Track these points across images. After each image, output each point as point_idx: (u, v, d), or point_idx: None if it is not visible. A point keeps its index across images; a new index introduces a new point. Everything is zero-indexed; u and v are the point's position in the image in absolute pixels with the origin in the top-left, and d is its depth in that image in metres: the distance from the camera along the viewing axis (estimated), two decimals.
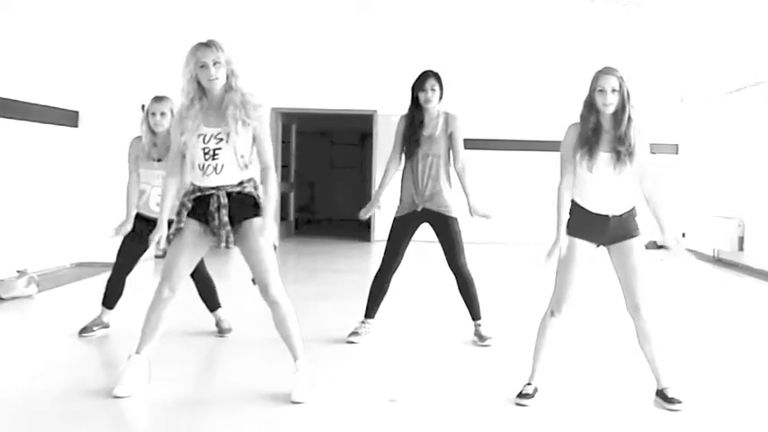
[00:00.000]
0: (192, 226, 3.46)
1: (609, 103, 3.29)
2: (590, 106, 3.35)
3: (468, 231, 4.68)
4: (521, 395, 3.42)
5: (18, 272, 5.86)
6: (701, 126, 10.13)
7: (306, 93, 10.72)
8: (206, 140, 3.38)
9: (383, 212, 4.93)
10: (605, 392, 3.69)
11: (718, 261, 9.13)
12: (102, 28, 7.61)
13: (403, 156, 4.57)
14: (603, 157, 3.31)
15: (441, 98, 4.50)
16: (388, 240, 4.58)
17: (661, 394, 3.41)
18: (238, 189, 3.43)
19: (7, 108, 6.33)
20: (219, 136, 3.37)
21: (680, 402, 3.35)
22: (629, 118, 3.31)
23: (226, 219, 3.41)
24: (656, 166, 3.55)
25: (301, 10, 8.96)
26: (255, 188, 3.50)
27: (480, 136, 10.47)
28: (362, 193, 13.45)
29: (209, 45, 3.34)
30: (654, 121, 10.55)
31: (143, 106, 4.68)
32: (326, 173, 14.90)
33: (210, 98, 3.41)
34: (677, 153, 10.72)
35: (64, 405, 3.29)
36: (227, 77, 3.38)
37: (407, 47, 10.04)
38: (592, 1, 8.36)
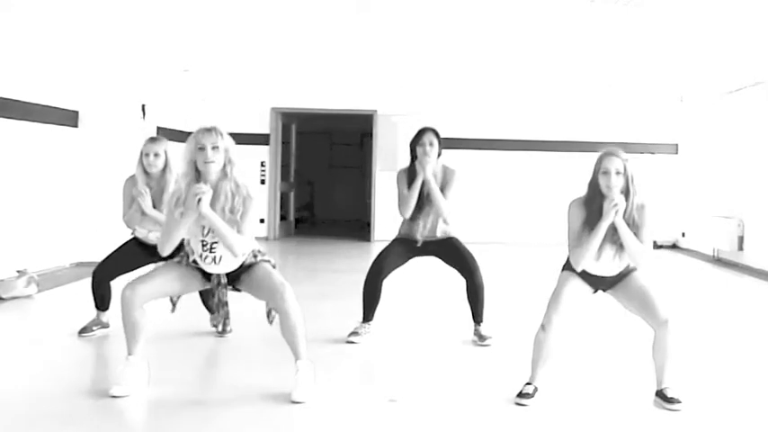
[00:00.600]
0: (193, 269, 3.50)
1: (613, 186, 3.27)
2: (594, 187, 3.35)
3: (469, 231, 4.68)
4: (521, 395, 3.43)
5: (18, 272, 5.86)
6: (701, 126, 10.13)
7: (306, 93, 10.72)
8: (204, 233, 3.38)
9: (383, 213, 4.94)
10: (605, 392, 3.70)
11: (718, 261, 9.14)
12: (102, 28, 7.61)
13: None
14: (605, 246, 3.33)
15: (439, 154, 4.51)
16: (384, 249, 4.63)
17: (661, 394, 3.41)
18: (239, 268, 3.49)
19: (7, 108, 6.33)
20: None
21: (679, 402, 3.35)
22: (633, 202, 3.31)
23: (226, 299, 3.52)
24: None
25: (301, 10, 8.95)
26: (255, 256, 3.52)
27: (480, 136, 10.48)
28: (362, 194, 13.45)
29: (210, 130, 3.35)
30: (654, 121, 10.58)
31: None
32: (326, 173, 14.89)
33: (206, 183, 3.36)
34: (677, 153, 10.72)
35: (64, 405, 3.29)
36: (224, 165, 3.37)
37: (407, 47, 10.03)
38: (592, 1, 8.34)
